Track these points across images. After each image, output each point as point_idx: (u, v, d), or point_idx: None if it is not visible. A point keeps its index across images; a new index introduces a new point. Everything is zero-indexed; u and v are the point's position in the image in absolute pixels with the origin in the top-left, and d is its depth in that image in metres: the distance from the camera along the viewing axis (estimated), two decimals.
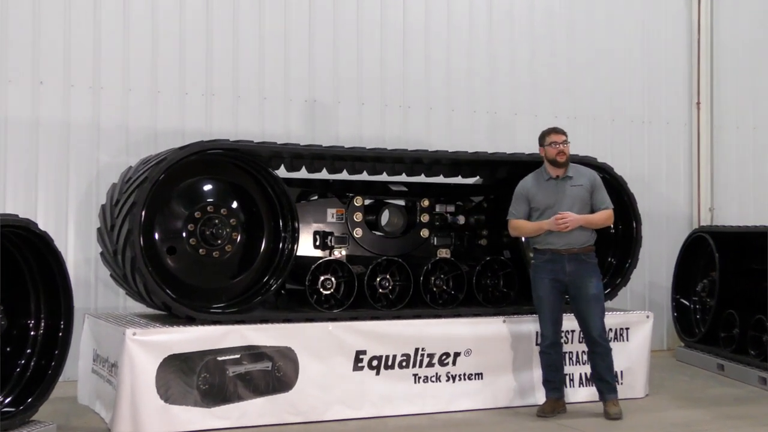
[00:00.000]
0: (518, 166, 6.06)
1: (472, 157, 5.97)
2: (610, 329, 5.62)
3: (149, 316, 5.47)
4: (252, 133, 6.72)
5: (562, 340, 5.38)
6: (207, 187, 5.40)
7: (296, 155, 5.62)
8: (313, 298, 5.46)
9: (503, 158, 6.03)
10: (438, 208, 6.11)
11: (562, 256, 5.13)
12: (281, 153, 5.54)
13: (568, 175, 5.20)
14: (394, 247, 6.00)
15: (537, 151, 6.16)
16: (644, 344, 5.88)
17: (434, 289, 5.77)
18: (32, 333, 4.72)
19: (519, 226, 5.31)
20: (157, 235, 5.22)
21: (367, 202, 6.02)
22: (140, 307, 5.82)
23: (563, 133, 5.23)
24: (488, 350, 5.56)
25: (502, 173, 6.18)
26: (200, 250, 5.30)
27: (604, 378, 5.19)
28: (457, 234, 6.13)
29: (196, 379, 4.95)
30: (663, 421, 5.20)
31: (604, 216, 5.16)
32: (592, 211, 5.21)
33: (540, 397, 5.52)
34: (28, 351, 4.71)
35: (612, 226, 5.54)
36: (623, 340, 5.77)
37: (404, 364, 5.41)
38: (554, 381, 5.32)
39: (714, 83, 8.17)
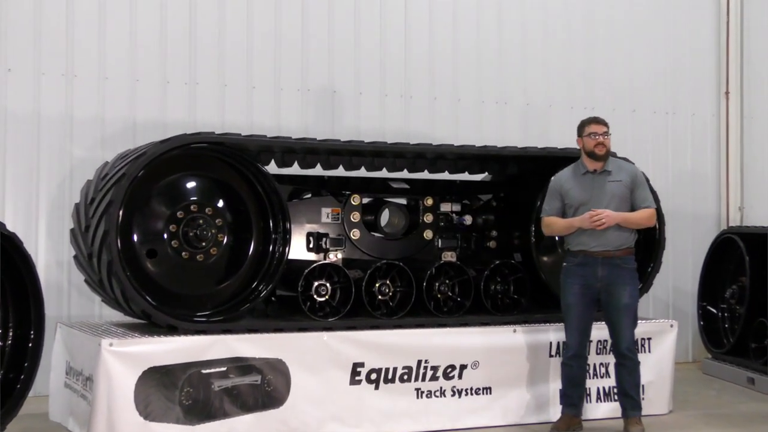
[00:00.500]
0: (530, 161, 6.08)
1: (479, 152, 5.96)
2: None
3: (127, 325, 5.47)
4: (239, 125, 6.71)
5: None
6: (190, 185, 5.40)
7: (288, 149, 5.60)
8: (306, 306, 5.46)
9: (514, 153, 6.01)
10: (443, 208, 6.12)
11: (596, 260, 5.12)
12: (271, 147, 5.53)
13: (607, 170, 5.19)
14: (394, 249, 6.00)
15: (550, 145, 6.25)
16: (668, 356, 5.89)
17: (438, 295, 5.77)
18: None
19: (550, 223, 5.29)
20: (135, 237, 5.23)
21: (366, 200, 6.03)
22: (118, 316, 5.81)
23: (604, 123, 5.22)
24: (497, 362, 5.57)
25: (512, 169, 6.17)
26: (183, 253, 5.30)
27: (629, 393, 5.19)
28: (463, 235, 6.13)
29: (178, 394, 4.95)
30: None
31: (645, 215, 5.12)
32: (632, 210, 5.20)
33: (554, 413, 5.52)
34: None
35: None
36: (645, 352, 5.77)
37: (406, 377, 5.41)
38: (572, 396, 5.31)
39: (744, 71, 8.17)
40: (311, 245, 5.83)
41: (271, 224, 5.46)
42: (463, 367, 5.52)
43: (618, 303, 5.12)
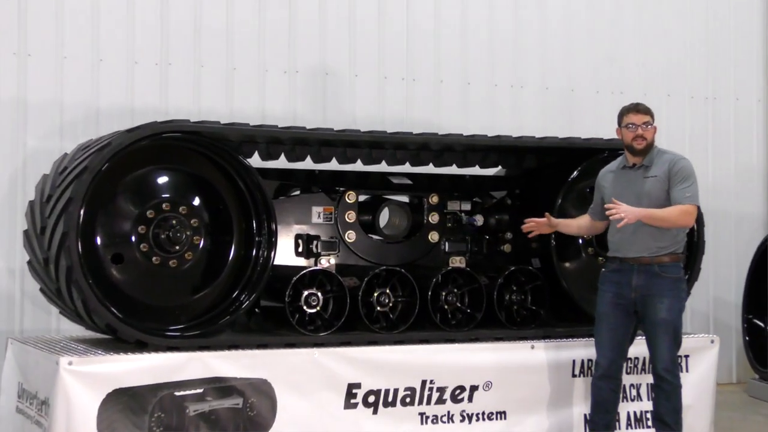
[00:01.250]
0: (550, 152, 6.06)
1: (492, 142, 5.97)
2: None
3: (89, 341, 5.47)
4: (218, 111, 6.72)
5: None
6: (162, 180, 5.41)
7: (273, 139, 5.62)
8: (294, 319, 5.48)
9: (531, 143, 6.01)
10: (450, 206, 6.14)
11: (631, 266, 5.11)
12: (255, 137, 5.55)
13: (645, 165, 5.18)
14: (395, 254, 6.03)
15: (573, 134, 6.25)
16: (708, 376, 5.90)
17: (446, 306, 5.79)
18: None
19: (568, 224, 5.48)
20: (99, 240, 5.23)
21: (362, 198, 6.05)
22: (78, 330, 5.83)
23: (646, 112, 5.16)
24: (513, 383, 5.58)
25: (530, 162, 6.19)
26: (154, 259, 5.31)
27: (665, 420, 5.15)
28: (473, 238, 6.15)
29: (147, 420, 4.93)
30: None
31: (675, 212, 5.01)
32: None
33: None
34: None
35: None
36: (682, 371, 5.71)
37: (408, 400, 5.41)
38: (599, 422, 5.29)
39: None
40: (300, 249, 5.85)
41: (254, 225, 5.47)
42: (473, 388, 5.53)
43: (654, 317, 5.09)
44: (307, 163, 5.91)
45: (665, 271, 5.10)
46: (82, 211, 5.01)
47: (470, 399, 5.49)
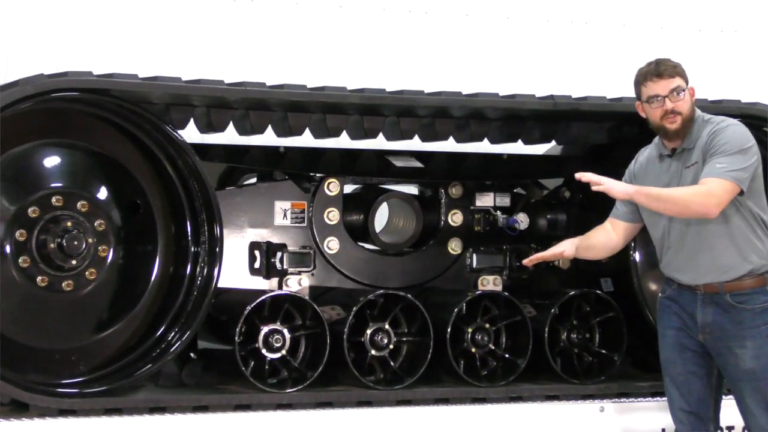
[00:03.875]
0: (629, 120, 6.03)
1: (542, 106, 5.94)
2: None
3: None
4: (136, 60, 6.71)
5: None
6: (51, 162, 5.41)
7: (218, 102, 5.61)
8: (248, 367, 5.48)
9: (600, 107, 6.02)
10: (480, 200, 6.19)
11: (694, 295, 5.12)
12: (190, 97, 5.53)
13: (686, 147, 5.15)
14: (398, 272, 6.09)
15: None
16: None
17: (473, 349, 5.81)
18: None
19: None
20: None
21: (350, 189, 6.12)
22: None
23: (671, 74, 5.09)
24: None
25: (598, 135, 6.20)
26: (39, 279, 5.29)
27: None
28: (514, 248, 6.17)
29: None
30: None
31: (687, 192, 4.98)
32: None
33: None
34: None
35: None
36: None
37: None
38: None
39: None
40: (257, 265, 5.88)
41: (188, 228, 5.51)
42: None
43: (735, 368, 5.09)
44: (268, 137, 5.92)
45: (745, 301, 5.05)
46: None
47: None
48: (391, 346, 5.69)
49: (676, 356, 5.19)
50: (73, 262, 5.32)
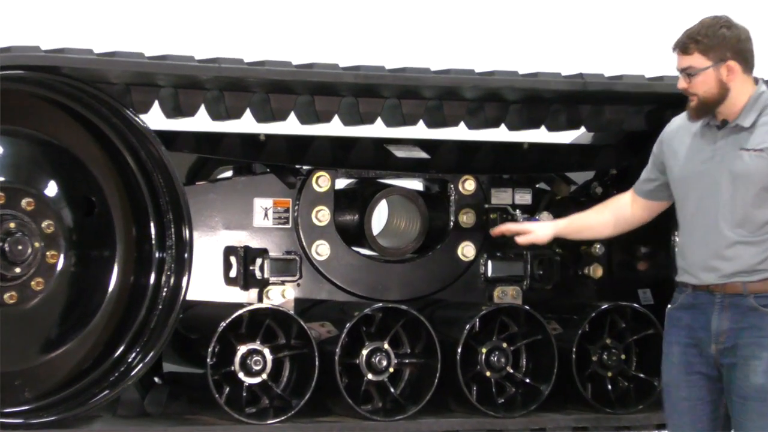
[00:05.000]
0: (671, 103, 6.03)
1: (569, 86, 5.97)
2: None
3: None
4: (91, 35, 6.71)
5: None
6: None
7: (187, 81, 5.64)
8: (223, 394, 5.52)
9: (637, 87, 6.04)
10: (496, 197, 6.22)
11: (711, 297, 5.11)
12: (154, 76, 5.55)
13: (740, 124, 5.10)
14: (400, 281, 6.12)
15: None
16: None
17: (488, 373, 5.84)
18: None
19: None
20: None
21: (343, 183, 6.14)
22: None
23: (685, 50, 5.05)
24: None
25: (635, 122, 6.24)
26: None
27: None
28: (537, 254, 6.19)
29: None
30: None
31: None
32: None
33: None
34: None
35: None
36: None
37: None
38: None
39: None
40: (234, 273, 5.90)
41: (152, 231, 5.55)
42: None
43: (744, 381, 5.01)
44: (246, 123, 5.96)
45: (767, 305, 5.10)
46: None
47: None
48: (392, 370, 5.71)
49: (682, 378, 5.14)
50: (17, 270, 5.33)
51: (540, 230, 5.38)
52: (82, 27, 6.96)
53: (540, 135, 6.36)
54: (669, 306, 5.20)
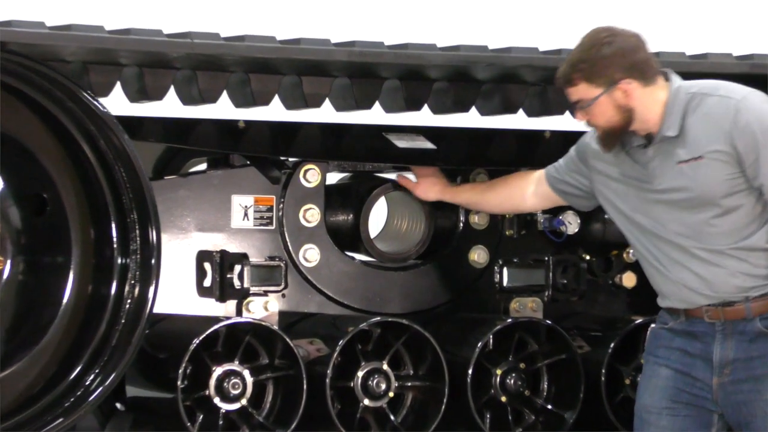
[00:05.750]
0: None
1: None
2: None
3: None
4: (43, 10, 6.70)
5: None
6: None
7: (154, 59, 5.62)
8: (196, 422, 5.57)
9: (676, 67, 5.79)
10: None
11: (710, 326, 5.12)
12: (116, 53, 5.51)
13: (667, 135, 5.10)
14: (400, 291, 6.15)
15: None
16: None
17: (503, 398, 5.88)
18: None
19: None
20: None
21: (335, 178, 6.25)
22: None
23: (569, 82, 5.15)
24: None
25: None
26: None
27: None
28: (560, 260, 6.23)
29: None
30: None
31: None
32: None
33: None
34: None
35: None
36: None
37: None
38: None
39: None
40: (208, 282, 5.90)
41: (113, 233, 5.51)
42: None
43: (764, 420, 5.06)
44: (223, 108, 5.96)
45: None
46: None
47: None
48: (391, 394, 5.75)
49: (665, 405, 5.15)
50: None
51: (421, 188, 5.92)
52: None
53: (564, 122, 6.32)
54: (655, 325, 5.24)
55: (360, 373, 5.68)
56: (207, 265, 5.86)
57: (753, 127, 4.99)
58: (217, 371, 5.54)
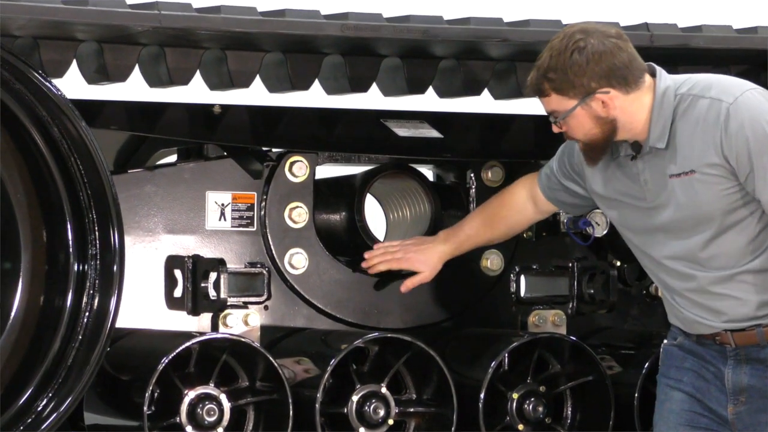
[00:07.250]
0: (762, 64, 6.25)
1: (631, 41, 5.81)
2: None
3: None
4: None
5: None
6: None
7: (116, 34, 5.53)
8: None
9: (718, 43, 6.09)
10: None
11: (721, 349, 5.16)
12: (72, 27, 5.43)
13: (656, 147, 5.10)
14: (401, 302, 6.10)
15: None
16: None
17: (520, 427, 5.92)
18: None
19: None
20: None
21: (325, 171, 6.15)
22: None
23: (539, 91, 5.14)
24: None
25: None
26: None
27: None
28: (585, 267, 6.23)
29: None
30: None
31: None
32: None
33: None
34: None
35: None
36: None
37: None
38: None
39: None
40: (179, 292, 5.87)
41: (69, 235, 5.44)
42: None
43: None
44: (196, 91, 5.92)
45: None
46: None
47: None
48: (391, 422, 5.74)
49: (675, 422, 5.20)
50: None
51: (424, 266, 5.69)
52: None
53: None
54: (666, 342, 5.27)
55: (355, 398, 5.67)
56: (177, 273, 5.85)
57: (745, 133, 4.94)
58: (190, 395, 5.50)
